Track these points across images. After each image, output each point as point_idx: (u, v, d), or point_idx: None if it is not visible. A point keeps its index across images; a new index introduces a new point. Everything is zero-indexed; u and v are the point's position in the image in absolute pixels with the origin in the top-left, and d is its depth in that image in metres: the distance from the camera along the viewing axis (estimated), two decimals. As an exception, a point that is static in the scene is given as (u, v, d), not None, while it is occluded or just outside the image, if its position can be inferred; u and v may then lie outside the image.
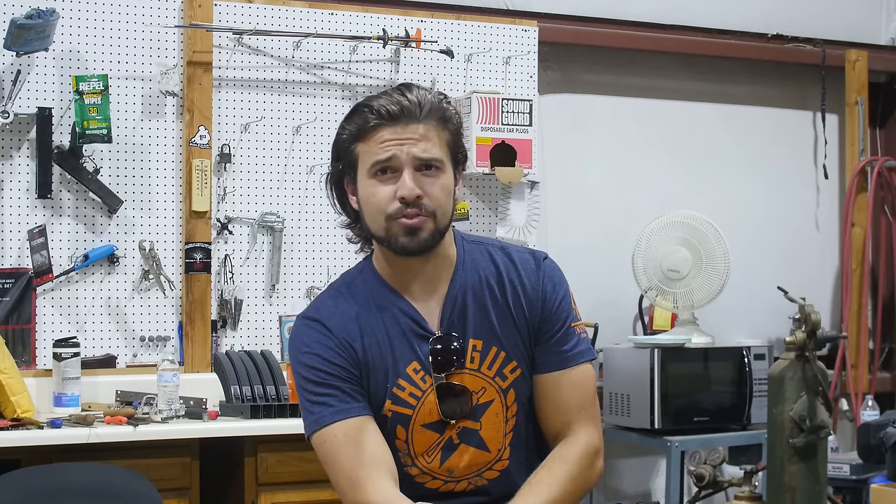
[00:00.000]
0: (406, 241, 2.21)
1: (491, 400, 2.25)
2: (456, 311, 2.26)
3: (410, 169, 2.19)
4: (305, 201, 4.62)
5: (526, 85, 4.98)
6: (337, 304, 2.29)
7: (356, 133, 2.23)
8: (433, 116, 2.22)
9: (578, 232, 5.25)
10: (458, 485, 2.26)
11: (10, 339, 4.09)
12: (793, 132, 5.78)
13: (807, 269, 5.72)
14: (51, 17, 4.09)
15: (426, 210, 2.20)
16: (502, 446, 2.27)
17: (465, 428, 2.25)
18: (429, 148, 2.20)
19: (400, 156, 2.19)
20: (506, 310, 2.28)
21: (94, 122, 4.15)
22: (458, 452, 2.25)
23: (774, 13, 5.62)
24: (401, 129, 2.19)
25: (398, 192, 2.19)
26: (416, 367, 2.24)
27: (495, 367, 2.26)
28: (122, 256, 4.33)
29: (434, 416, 2.24)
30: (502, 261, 2.33)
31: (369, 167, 2.21)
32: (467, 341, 2.25)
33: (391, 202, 2.20)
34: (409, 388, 2.23)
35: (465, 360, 2.24)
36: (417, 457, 2.25)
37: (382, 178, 2.20)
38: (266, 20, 4.54)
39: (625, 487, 5.26)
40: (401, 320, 2.26)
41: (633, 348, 4.72)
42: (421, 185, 2.19)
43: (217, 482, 4.02)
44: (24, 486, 3.18)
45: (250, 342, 4.50)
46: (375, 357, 2.24)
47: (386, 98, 2.21)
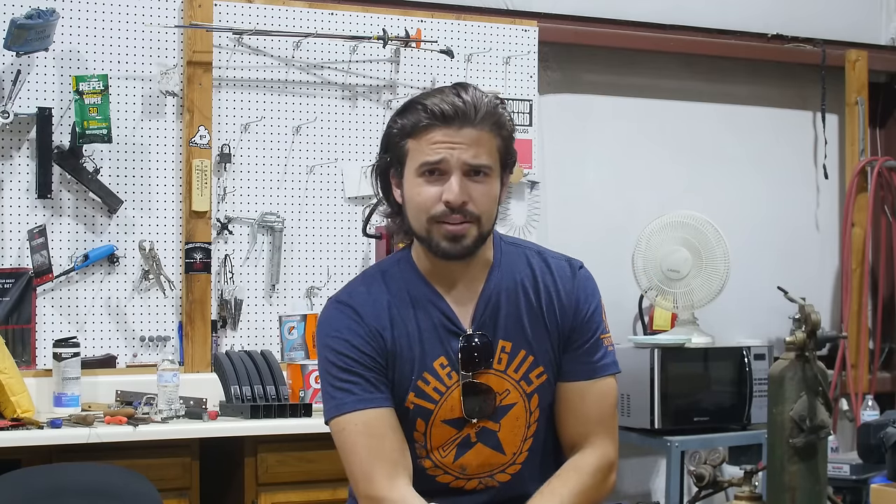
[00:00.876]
0: (448, 247, 2.20)
1: (513, 403, 2.25)
2: (488, 311, 2.26)
3: (459, 173, 2.17)
4: (305, 201, 4.62)
5: (526, 85, 4.98)
6: (370, 291, 2.27)
7: (408, 129, 2.20)
8: (487, 121, 2.19)
9: (578, 232, 5.25)
10: (468, 482, 2.26)
11: (10, 339, 4.09)
12: (793, 132, 5.78)
13: (807, 269, 5.72)
14: (51, 17, 4.09)
15: (470, 216, 2.18)
16: (518, 451, 2.27)
17: (485, 428, 2.25)
18: (479, 154, 2.18)
19: (450, 159, 2.17)
20: (538, 314, 2.28)
21: (94, 122, 4.15)
22: (474, 451, 2.25)
23: (774, 13, 5.62)
24: (453, 132, 2.17)
25: (444, 195, 2.17)
26: (443, 363, 2.23)
27: (522, 371, 2.26)
28: (122, 256, 4.33)
29: (455, 413, 2.23)
30: (538, 265, 2.33)
31: (418, 166, 2.19)
32: (497, 342, 2.25)
33: (436, 204, 2.18)
34: (434, 382, 2.23)
35: (492, 361, 2.24)
36: (433, 450, 2.25)
37: (429, 179, 2.18)
38: (266, 20, 4.54)
39: (625, 487, 5.26)
40: (433, 315, 2.25)
41: (633, 348, 4.72)
42: (468, 191, 2.17)
43: (217, 482, 4.02)
44: (24, 486, 3.18)
45: (250, 342, 4.50)
46: (403, 348, 2.23)
47: (441, 98, 2.18)
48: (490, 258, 2.29)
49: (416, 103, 2.20)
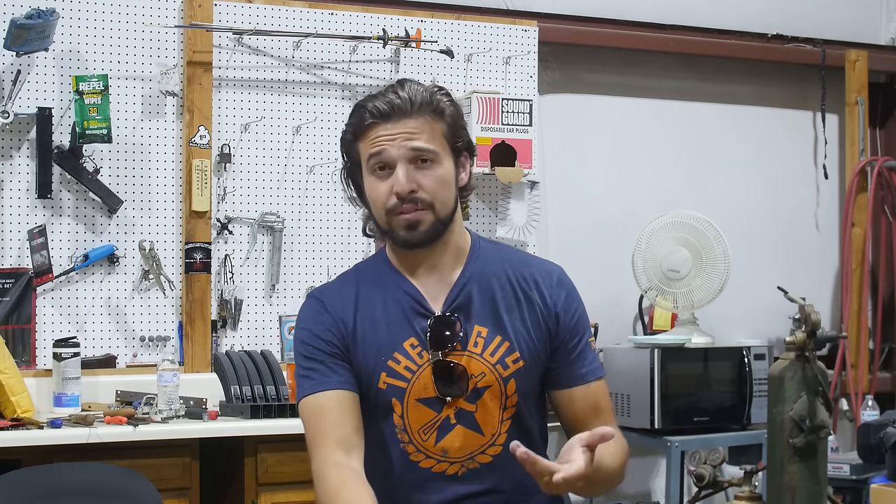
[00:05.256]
0: (406, 235, 2.28)
1: (488, 385, 2.29)
2: (462, 296, 2.32)
3: (404, 163, 2.25)
4: (305, 201, 4.62)
5: (526, 85, 4.98)
6: (340, 285, 2.39)
7: (355, 132, 2.31)
8: (425, 110, 2.27)
9: (578, 232, 5.25)
10: (450, 466, 2.29)
11: (10, 339, 4.09)
12: (793, 132, 5.78)
13: (807, 269, 5.72)
14: (51, 17, 4.09)
15: (422, 202, 2.26)
16: (497, 432, 2.30)
17: (462, 409, 2.29)
18: (421, 140, 2.25)
19: (391, 150, 2.25)
20: (517, 306, 2.33)
21: (94, 122, 4.15)
22: (454, 433, 2.29)
23: (774, 13, 5.62)
24: (391, 126, 2.26)
25: (394, 187, 2.25)
26: (413, 343, 2.30)
27: (497, 355, 2.30)
28: (122, 256, 4.33)
29: (429, 392, 2.28)
30: (521, 263, 2.40)
31: (366, 164, 2.29)
32: (472, 326, 2.30)
33: (389, 197, 2.27)
34: (405, 361, 2.29)
35: (468, 343, 2.29)
36: (413, 433, 2.29)
37: (380, 175, 2.28)
38: (266, 20, 4.54)
39: (625, 487, 5.25)
40: (401, 299, 2.32)
41: (633, 348, 4.72)
42: (415, 179, 2.25)
43: (217, 482, 4.02)
44: (24, 486, 3.18)
45: (250, 342, 4.50)
46: (369, 332, 2.30)
47: (380, 97, 2.28)
48: (464, 247, 2.36)
49: (359, 107, 2.30)
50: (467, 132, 2.36)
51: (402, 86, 2.29)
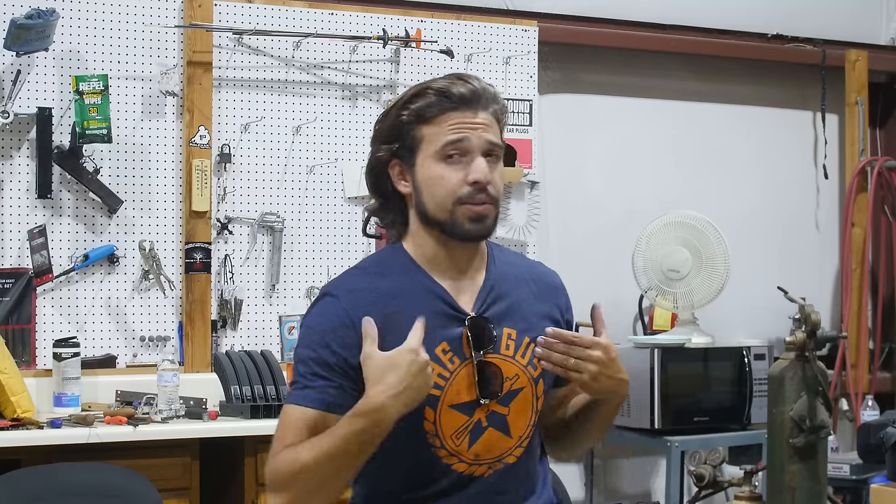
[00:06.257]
0: (472, 228, 2.21)
1: (522, 387, 2.26)
2: (490, 298, 2.28)
3: (481, 154, 2.20)
4: (305, 201, 4.62)
5: (526, 85, 4.98)
6: (364, 285, 2.26)
7: (422, 115, 2.21)
8: (494, 106, 2.23)
9: (578, 232, 5.25)
10: (479, 468, 2.27)
11: (10, 339, 4.09)
12: (793, 132, 5.78)
13: (807, 269, 5.72)
14: (51, 17, 4.09)
15: (491, 197, 2.21)
16: (525, 435, 2.28)
17: (494, 412, 2.25)
18: (494, 135, 2.22)
19: (472, 139, 2.19)
20: (538, 304, 2.32)
21: (94, 122, 4.15)
22: (485, 437, 2.25)
23: (774, 13, 5.62)
24: (471, 115, 2.20)
25: (471, 175, 2.18)
26: (444, 349, 2.22)
27: (527, 357, 2.27)
28: (122, 256, 4.33)
29: (462, 397, 2.23)
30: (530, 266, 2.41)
31: (440, 148, 2.19)
32: (502, 329, 2.27)
33: (462, 186, 2.19)
34: (438, 369, 2.21)
35: (500, 346, 2.26)
36: (446, 438, 2.24)
37: (450, 162, 2.20)
38: (266, 20, 4.54)
39: (625, 487, 5.26)
40: (432, 302, 2.24)
41: (633, 348, 4.72)
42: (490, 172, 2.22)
43: (217, 482, 4.02)
44: (24, 486, 3.19)
45: (250, 342, 4.50)
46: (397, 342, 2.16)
47: (452, 83, 2.21)
48: (485, 251, 2.33)
49: (426, 89, 2.21)
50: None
51: (469, 77, 2.22)
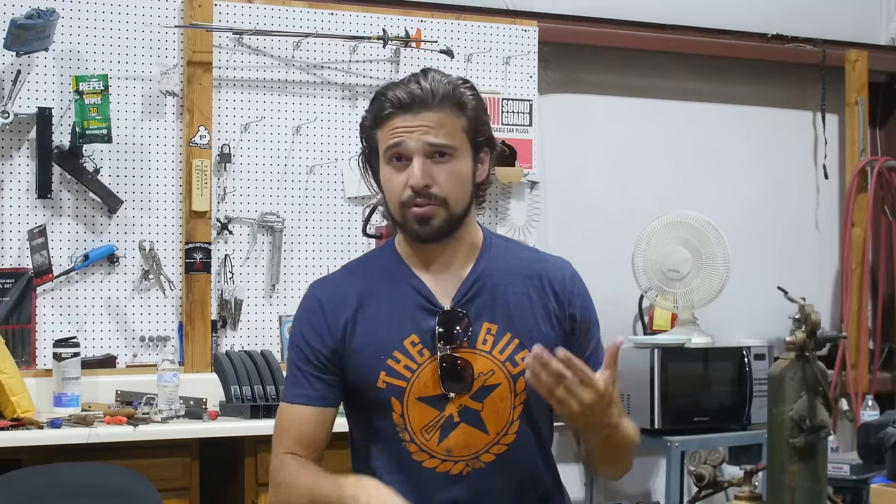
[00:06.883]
0: (418, 230, 2.24)
1: (498, 383, 2.26)
2: (471, 292, 2.29)
3: (421, 157, 2.21)
4: (305, 201, 4.62)
5: (526, 85, 4.98)
6: (345, 279, 2.35)
7: (374, 119, 2.27)
8: (446, 103, 2.23)
9: (578, 232, 5.25)
10: (454, 466, 2.26)
11: (10, 339, 4.09)
12: (793, 132, 5.78)
13: (807, 269, 5.72)
14: (51, 17, 4.09)
15: (435, 199, 2.22)
16: (503, 431, 2.27)
17: (467, 407, 2.26)
18: (439, 134, 2.22)
19: (409, 142, 2.21)
20: (528, 305, 2.30)
21: (94, 122, 4.15)
22: (457, 432, 2.26)
23: (774, 13, 5.62)
24: (411, 118, 2.22)
25: (409, 180, 2.22)
26: (413, 341, 2.26)
27: (507, 353, 2.27)
28: (122, 256, 4.33)
29: (429, 390, 2.25)
30: (533, 260, 2.37)
31: (383, 153, 2.25)
32: (481, 323, 2.27)
33: (404, 190, 2.23)
34: (405, 360, 2.25)
35: (476, 341, 2.26)
36: (415, 433, 2.26)
37: (396, 166, 2.24)
38: (266, 20, 4.54)
39: (625, 487, 5.26)
40: (408, 295, 2.29)
41: (633, 348, 4.72)
42: (431, 174, 2.22)
43: (217, 482, 4.02)
44: (24, 486, 3.18)
45: (250, 342, 4.50)
46: (367, 331, 2.27)
47: (402, 86, 2.24)
48: (477, 243, 2.33)
49: (379, 94, 2.27)
50: (489, 126, 2.32)
51: (426, 76, 2.24)
